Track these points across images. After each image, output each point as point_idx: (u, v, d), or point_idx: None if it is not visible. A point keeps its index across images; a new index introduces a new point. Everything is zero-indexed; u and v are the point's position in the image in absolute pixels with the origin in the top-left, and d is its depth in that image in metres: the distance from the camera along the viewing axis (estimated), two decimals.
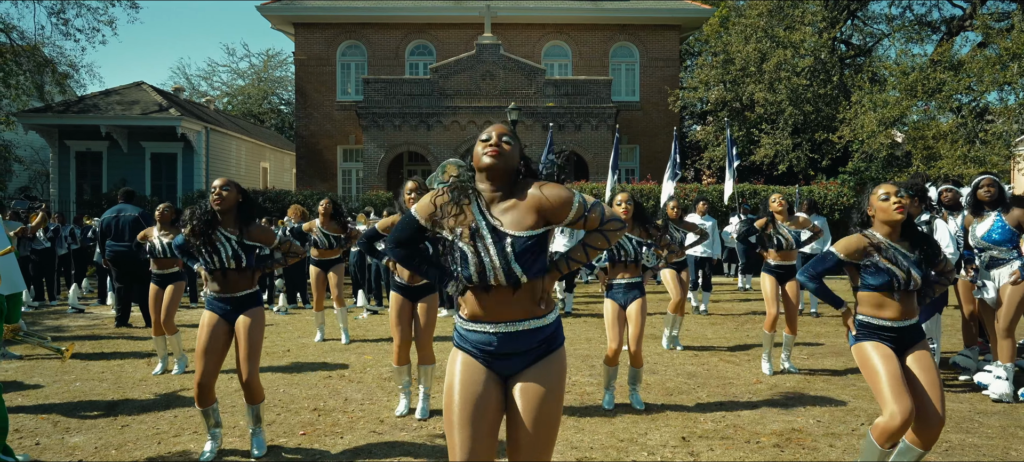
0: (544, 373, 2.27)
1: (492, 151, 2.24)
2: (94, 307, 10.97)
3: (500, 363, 2.28)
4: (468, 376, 2.27)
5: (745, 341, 7.73)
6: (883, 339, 3.23)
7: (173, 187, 20.34)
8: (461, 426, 2.21)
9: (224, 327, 3.90)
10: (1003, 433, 4.45)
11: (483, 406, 2.24)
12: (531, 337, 2.27)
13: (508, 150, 2.27)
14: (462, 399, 2.24)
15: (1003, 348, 5.19)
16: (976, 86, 16.60)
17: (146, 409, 5.00)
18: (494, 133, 2.30)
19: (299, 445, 4.22)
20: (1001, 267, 5.23)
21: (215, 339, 3.85)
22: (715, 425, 4.61)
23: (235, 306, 3.91)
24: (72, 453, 4.05)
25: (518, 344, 2.26)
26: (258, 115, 35.67)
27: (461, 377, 2.27)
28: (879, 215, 3.29)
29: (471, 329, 2.30)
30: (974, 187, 5.28)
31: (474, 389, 2.25)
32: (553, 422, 2.27)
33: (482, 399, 2.24)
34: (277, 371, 6.18)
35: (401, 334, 4.76)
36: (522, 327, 2.25)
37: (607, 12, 21.98)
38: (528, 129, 19.11)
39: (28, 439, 4.27)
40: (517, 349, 2.26)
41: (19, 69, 19.25)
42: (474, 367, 2.28)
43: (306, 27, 22.07)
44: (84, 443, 4.23)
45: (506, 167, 2.27)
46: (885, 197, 3.25)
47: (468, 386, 2.25)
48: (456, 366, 2.30)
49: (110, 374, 6.12)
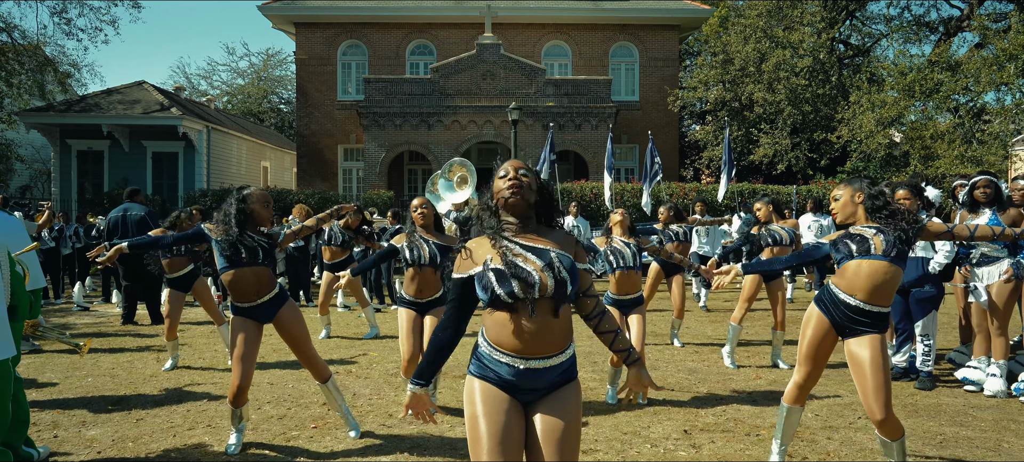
0: (564, 401, 2.29)
1: (513, 186, 2.27)
2: (99, 305, 11.06)
3: (521, 392, 2.29)
4: (492, 405, 2.25)
5: (745, 337, 7.84)
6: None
7: (174, 186, 20.44)
8: (490, 454, 2.19)
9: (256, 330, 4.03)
10: (996, 426, 4.56)
11: (509, 435, 2.23)
12: (555, 372, 2.29)
13: (527, 182, 2.31)
14: (490, 430, 2.21)
15: (997, 346, 5.31)
16: (973, 87, 16.74)
17: (158, 403, 5.11)
18: (511, 168, 2.32)
19: (312, 438, 4.32)
20: (991, 265, 5.35)
21: (251, 344, 3.97)
22: (716, 419, 4.72)
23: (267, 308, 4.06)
24: (90, 445, 4.16)
25: (541, 380, 2.27)
26: (258, 114, 35.75)
27: (485, 407, 2.24)
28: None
29: (498, 360, 2.27)
30: (971, 186, 5.39)
31: (500, 418, 2.23)
32: (574, 449, 2.27)
33: (507, 428, 2.23)
34: (286, 367, 6.29)
35: (411, 347, 4.70)
36: (551, 362, 2.26)
37: (607, 12, 22.09)
38: (528, 129, 19.22)
39: (46, 432, 4.37)
40: (539, 384, 2.28)
41: (21, 68, 19.32)
42: (497, 396, 2.27)
43: (307, 26, 22.16)
44: (101, 436, 4.33)
45: (526, 200, 2.30)
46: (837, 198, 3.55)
47: (494, 416, 2.23)
48: (477, 395, 2.28)
49: (120, 370, 6.22)
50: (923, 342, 5.61)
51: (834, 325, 3.40)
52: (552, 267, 2.22)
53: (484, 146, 20.55)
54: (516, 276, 2.19)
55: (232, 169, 22.67)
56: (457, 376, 5.84)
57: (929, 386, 5.51)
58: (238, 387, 3.94)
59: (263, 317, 4.04)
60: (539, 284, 2.19)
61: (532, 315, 2.20)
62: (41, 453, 3.84)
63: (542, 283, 2.20)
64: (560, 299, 2.23)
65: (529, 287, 2.19)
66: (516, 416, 2.27)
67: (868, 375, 3.23)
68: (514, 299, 2.20)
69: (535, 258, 2.23)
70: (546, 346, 2.24)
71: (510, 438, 2.22)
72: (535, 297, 2.20)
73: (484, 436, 2.21)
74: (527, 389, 2.28)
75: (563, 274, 2.22)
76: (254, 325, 4.01)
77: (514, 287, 2.19)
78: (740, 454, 4.04)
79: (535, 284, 2.19)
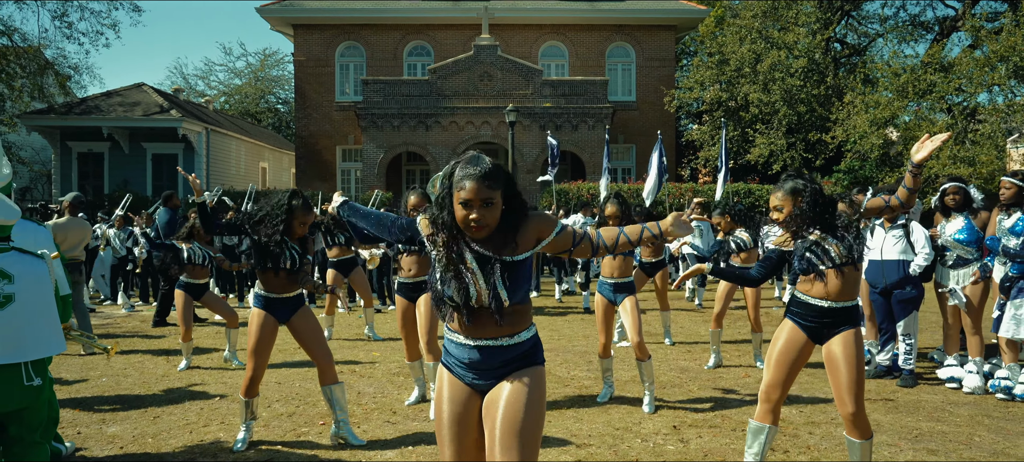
0: (516, 381, 2.36)
1: (476, 228, 2.28)
2: (104, 306, 11.27)
3: (480, 380, 2.42)
4: (452, 394, 2.44)
5: (735, 337, 8.08)
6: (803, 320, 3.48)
7: (174, 188, 20.62)
8: (449, 442, 2.43)
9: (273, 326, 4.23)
10: (970, 422, 4.80)
11: (465, 422, 2.42)
12: (512, 352, 2.39)
13: (490, 211, 2.27)
14: (449, 416, 2.43)
15: (972, 344, 5.57)
16: (966, 87, 16.97)
17: (174, 402, 5.34)
18: (474, 197, 2.24)
19: (320, 434, 4.56)
20: (965, 267, 5.61)
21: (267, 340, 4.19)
22: (704, 415, 4.96)
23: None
24: (112, 442, 4.39)
25: (496, 358, 2.39)
26: (255, 114, 35.90)
27: (447, 394, 2.45)
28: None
29: (454, 342, 2.44)
30: (941, 193, 5.64)
31: (456, 408, 2.43)
32: (520, 427, 2.29)
33: (463, 416, 2.42)
34: (292, 367, 6.52)
35: (407, 333, 5.11)
36: (503, 342, 2.38)
37: (603, 13, 22.31)
38: (526, 129, 19.44)
39: (69, 429, 4.61)
40: (493, 363, 2.39)
41: (22, 71, 19.49)
42: (456, 385, 2.45)
43: (305, 28, 22.34)
44: (122, 433, 4.56)
45: (492, 225, 2.31)
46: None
47: (452, 403, 2.43)
48: (443, 383, 2.47)
49: (132, 370, 6.45)
50: (905, 341, 5.85)
51: (809, 334, 3.44)
52: (490, 279, 2.31)
53: (482, 147, 20.76)
54: (457, 281, 2.32)
55: (231, 170, 22.86)
56: None
57: (911, 383, 5.76)
58: (251, 378, 4.19)
59: (283, 315, 4.24)
60: (475, 296, 2.33)
61: (468, 322, 2.36)
62: (68, 449, 4.08)
63: (478, 293, 2.32)
64: (498, 310, 2.32)
65: (465, 297, 2.33)
66: (474, 406, 2.43)
67: (842, 368, 3.32)
68: (453, 302, 2.35)
69: (478, 267, 2.32)
70: (496, 332, 2.37)
71: (466, 425, 2.42)
72: (471, 306, 2.34)
73: (445, 422, 2.43)
74: (486, 369, 2.40)
75: (500, 290, 2.30)
76: (272, 322, 4.21)
77: (453, 293, 2.34)
78: (726, 448, 4.27)
79: (470, 295, 2.33)
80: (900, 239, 5.79)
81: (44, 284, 3.11)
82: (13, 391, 2.98)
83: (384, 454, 4.19)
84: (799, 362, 3.48)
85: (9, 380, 2.97)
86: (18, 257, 3.08)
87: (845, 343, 3.35)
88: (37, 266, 3.10)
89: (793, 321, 3.49)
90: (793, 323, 3.49)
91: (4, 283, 2.96)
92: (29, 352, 3.02)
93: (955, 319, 5.79)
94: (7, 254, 3.06)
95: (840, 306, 3.39)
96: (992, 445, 4.34)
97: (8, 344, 2.97)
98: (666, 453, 4.21)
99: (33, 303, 3.04)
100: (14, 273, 2.99)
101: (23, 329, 3.00)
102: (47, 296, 3.12)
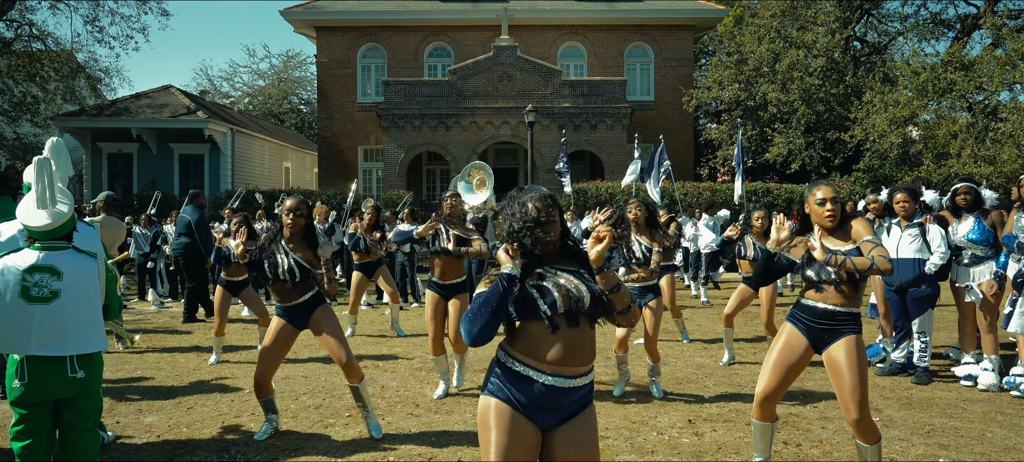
0: (585, 425, 2.31)
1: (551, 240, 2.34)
2: (134, 303, 11.60)
3: (541, 415, 2.28)
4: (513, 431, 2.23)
5: (752, 334, 8.16)
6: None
7: (200, 187, 21.04)
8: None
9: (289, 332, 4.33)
10: (983, 418, 4.87)
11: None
12: (577, 393, 2.30)
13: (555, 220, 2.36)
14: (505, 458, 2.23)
15: (987, 341, 5.62)
16: (987, 86, 16.81)
17: (205, 394, 5.56)
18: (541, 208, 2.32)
19: (347, 425, 4.74)
20: (981, 265, 5.66)
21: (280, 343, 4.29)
22: (719, 410, 5.08)
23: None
24: (149, 430, 4.61)
25: (562, 399, 2.27)
26: (278, 115, 36.43)
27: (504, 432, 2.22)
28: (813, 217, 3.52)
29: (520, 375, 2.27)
30: (953, 193, 5.70)
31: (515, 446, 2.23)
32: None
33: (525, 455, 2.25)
34: (318, 362, 6.72)
35: (434, 328, 5.38)
36: (576, 382, 2.27)
37: (622, 13, 22.37)
38: (545, 129, 19.58)
39: (108, 418, 4.84)
40: (560, 403, 2.27)
41: (55, 75, 20.04)
42: (515, 419, 2.26)
43: (327, 30, 22.66)
44: (158, 422, 4.79)
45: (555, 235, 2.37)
46: (821, 202, 3.45)
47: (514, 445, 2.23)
48: (491, 418, 2.25)
49: (165, 364, 6.70)
50: (920, 339, 5.91)
51: (810, 339, 3.46)
52: (586, 282, 2.33)
53: (501, 147, 20.94)
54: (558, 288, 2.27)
55: (255, 170, 23.26)
56: (478, 370, 6.23)
57: (925, 381, 5.82)
58: (257, 379, 4.28)
59: (301, 321, 4.33)
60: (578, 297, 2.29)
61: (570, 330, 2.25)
62: (110, 436, 4.31)
63: (581, 296, 2.29)
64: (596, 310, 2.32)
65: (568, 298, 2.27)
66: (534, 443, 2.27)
67: (845, 374, 3.31)
68: (554, 312, 2.25)
69: (571, 274, 2.34)
70: (580, 358, 2.28)
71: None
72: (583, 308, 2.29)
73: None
74: (548, 409, 2.27)
75: (596, 289, 2.32)
76: (289, 329, 4.29)
77: (556, 298, 2.26)
78: (739, 442, 4.39)
79: (573, 296, 2.28)
80: (916, 238, 5.85)
81: (92, 284, 3.26)
82: (56, 381, 3.15)
83: (406, 447, 4.36)
84: (797, 367, 3.49)
85: (53, 370, 3.14)
86: (73, 256, 3.23)
87: (847, 348, 3.34)
88: (87, 265, 3.26)
89: (794, 324, 3.52)
90: (794, 326, 3.51)
91: (53, 279, 3.13)
92: (70, 347, 3.16)
93: (971, 317, 5.84)
94: (64, 252, 3.22)
95: (843, 311, 3.40)
96: (1004, 441, 4.41)
97: (52, 337, 3.12)
98: (681, 446, 4.33)
99: (78, 301, 3.19)
100: (64, 271, 3.16)
101: (66, 325, 3.15)
102: (93, 295, 3.27)
